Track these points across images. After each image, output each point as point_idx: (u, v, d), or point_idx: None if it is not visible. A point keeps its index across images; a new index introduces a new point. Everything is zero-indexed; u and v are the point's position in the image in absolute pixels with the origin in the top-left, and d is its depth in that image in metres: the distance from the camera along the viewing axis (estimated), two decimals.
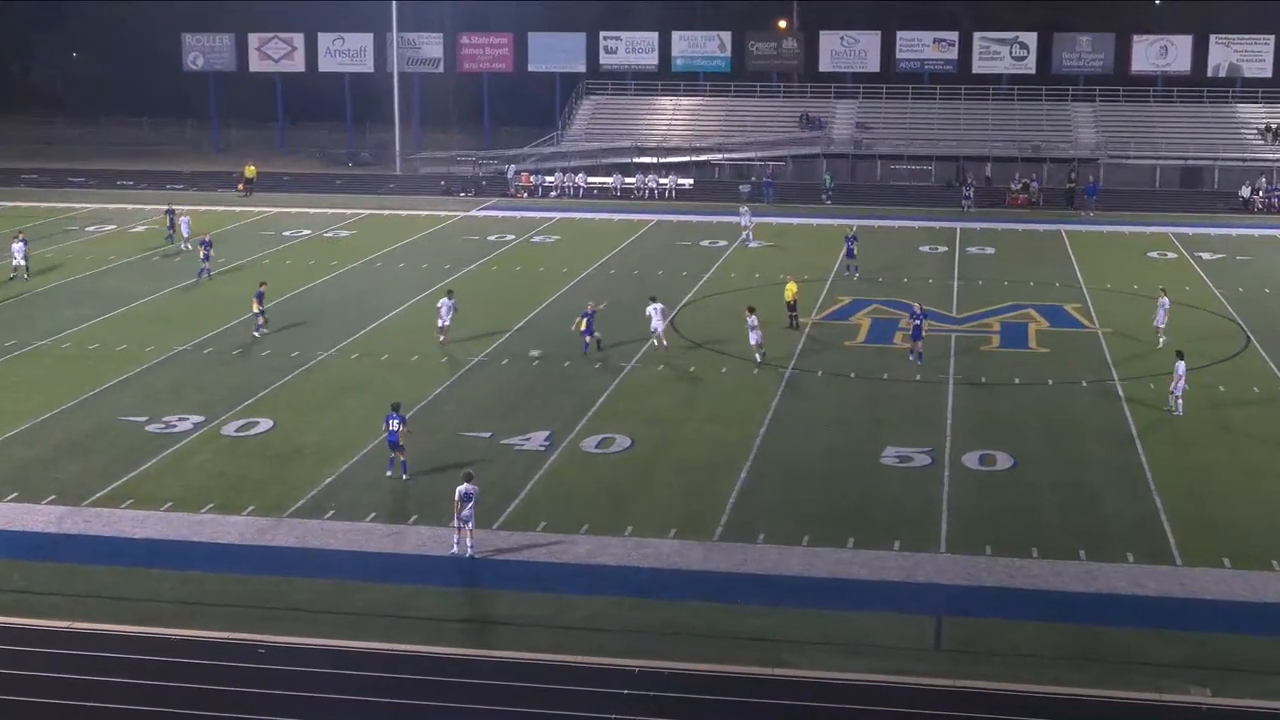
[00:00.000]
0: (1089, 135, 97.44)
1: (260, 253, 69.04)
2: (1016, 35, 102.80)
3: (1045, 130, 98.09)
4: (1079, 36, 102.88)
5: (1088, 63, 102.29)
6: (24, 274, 61.49)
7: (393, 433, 37.76)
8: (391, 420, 37.87)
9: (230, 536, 34.10)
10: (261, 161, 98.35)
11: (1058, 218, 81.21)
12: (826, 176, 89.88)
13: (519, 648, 28.37)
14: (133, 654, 28.23)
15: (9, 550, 33.26)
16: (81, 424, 42.51)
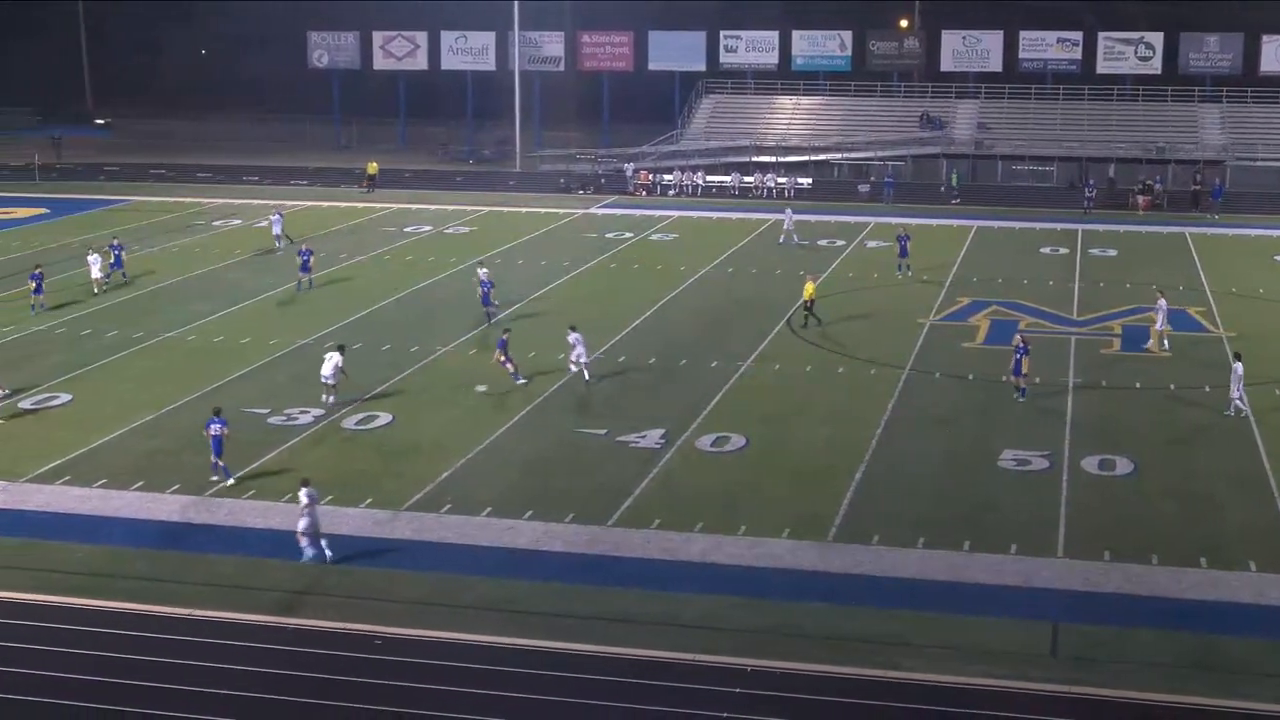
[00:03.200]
0: (1215, 137, 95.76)
1: (382, 248, 69.68)
2: (1142, 35, 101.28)
3: (1170, 131, 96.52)
4: (1206, 36, 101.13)
5: (1215, 63, 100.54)
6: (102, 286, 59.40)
7: (215, 436, 37.43)
8: (213, 425, 37.60)
9: (348, 528, 34.42)
10: (383, 158, 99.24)
11: (1182, 220, 79.88)
12: (954, 175, 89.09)
13: (632, 645, 28.37)
14: (252, 641, 28.60)
15: (134, 538, 33.82)
16: (206, 415, 43.04)
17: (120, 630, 29.13)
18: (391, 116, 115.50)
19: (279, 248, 67.94)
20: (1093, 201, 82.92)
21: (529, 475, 38.04)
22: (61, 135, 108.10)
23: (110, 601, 30.37)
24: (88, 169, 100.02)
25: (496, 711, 26.02)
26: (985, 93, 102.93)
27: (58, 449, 39.58)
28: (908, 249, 63.22)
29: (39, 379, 46.66)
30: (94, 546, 33.38)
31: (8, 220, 78.43)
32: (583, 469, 38.43)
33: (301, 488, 33.07)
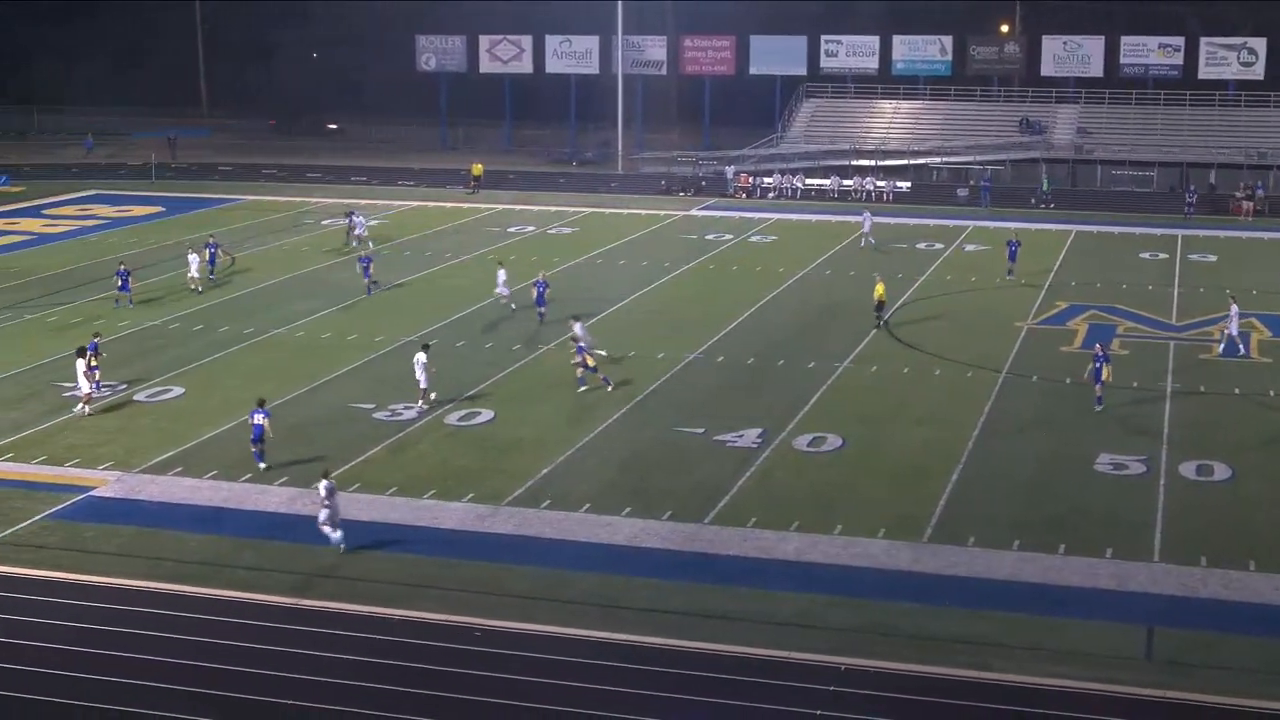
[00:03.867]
0: None
1: (486, 248, 70.08)
2: (1245, 41, 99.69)
3: (1273, 137, 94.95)
4: None
5: None
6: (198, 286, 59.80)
7: (257, 426, 38.01)
8: (256, 415, 38.12)
9: (450, 522, 34.70)
10: (487, 159, 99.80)
11: None
12: (1044, 180, 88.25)
13: (727, 641, 28.39)
14: (354, 631, 28.90)
15: (243, 529, 34.29)
16: (313, 410, 43.62)
17: (229, 618, 29.55)
18: (497, 119, 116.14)
19: (352, 246, 68.34)
20: (1193, 207, 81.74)
21: (627, 472, 38.14)
22: (177, 136, 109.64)
23: (220, 589, 30.83)
24: (202, 169, 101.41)
25: (594, 705, 26.11)
26: (1086, 97, 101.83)
27: (171, 441, 40.19)
28: (1016, 254, 62.68)
29: (153, 373, 47.40)
30: (205, 536, 33.88)
31: (126, 218, 79.70)
32: (680, 467, 38.47)
33: (321, 479, 33.54)
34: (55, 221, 78.48)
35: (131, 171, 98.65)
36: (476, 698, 26.31)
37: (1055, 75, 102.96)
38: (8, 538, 33.67)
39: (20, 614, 29.71)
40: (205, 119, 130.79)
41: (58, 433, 41.12)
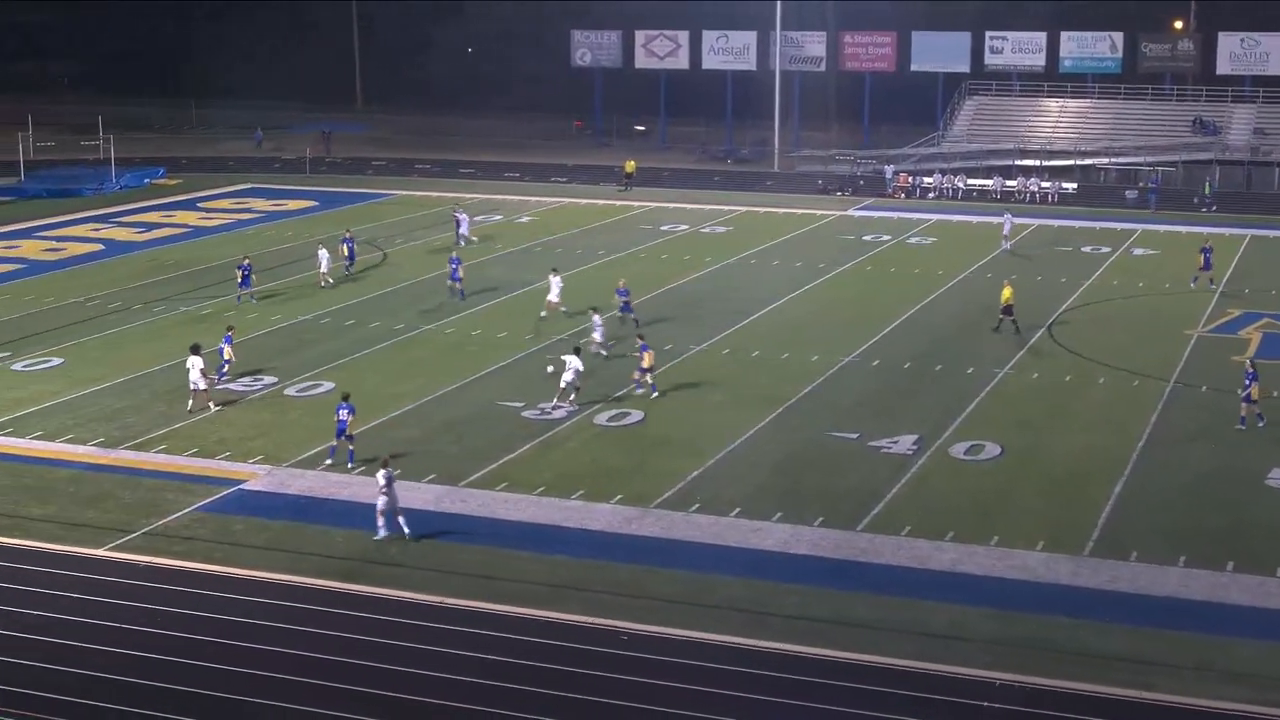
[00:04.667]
0: None
1: (638, 246, 70.27)
2: None
3: None
4: None
5: None
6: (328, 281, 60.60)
7: (342, 421, 38.41)
8: (341, 410, 38.51)
9: (598, 524, 34.82)
10: (641, 156, 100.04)
11: None
12: (1206, 183, 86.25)
13: (876, 651, 28.15)
14: (501, 632, 29.10)
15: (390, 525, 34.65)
16: (461, 407, 44.04)
17: (372, 614, 29.91)
18: (651, 115, 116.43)
19: (459, 245, 68.60)
20: None
21: (779, 476, 38.01)
22: (331, 130, 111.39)
23: (364, 586, 31.22)
24: (355, 163, 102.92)
25: (735, 713, 26.02)
26: (1264, 97, 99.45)
27: (320, 435, 40.77)
28: (1211, 261, 61.07)
29: (303, 367, 48.18)
30: (350, 531, 34.34)
31: (281, 211, 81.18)
32: (833, 472, 38.25)
33: (381, 468, 34.01)
34: (211, 215, 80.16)
35: (286, 165, 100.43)
36: (620, 702, 26.36)
37: (1231, 73, 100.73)
38: (159, 529, 34.43)
39: (169, 605, 30.34)
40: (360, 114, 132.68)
41: (209, 426, 41.96)
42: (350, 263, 63.22)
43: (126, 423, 42.14)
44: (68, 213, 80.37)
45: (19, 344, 51.02)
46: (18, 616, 29.80)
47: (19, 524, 34.77)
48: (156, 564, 32.50)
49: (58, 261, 66.95)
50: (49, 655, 28.09)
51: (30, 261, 66.86)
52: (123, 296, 58.79)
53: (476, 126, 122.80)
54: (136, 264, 65.99)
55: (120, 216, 79.14)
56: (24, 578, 31.69)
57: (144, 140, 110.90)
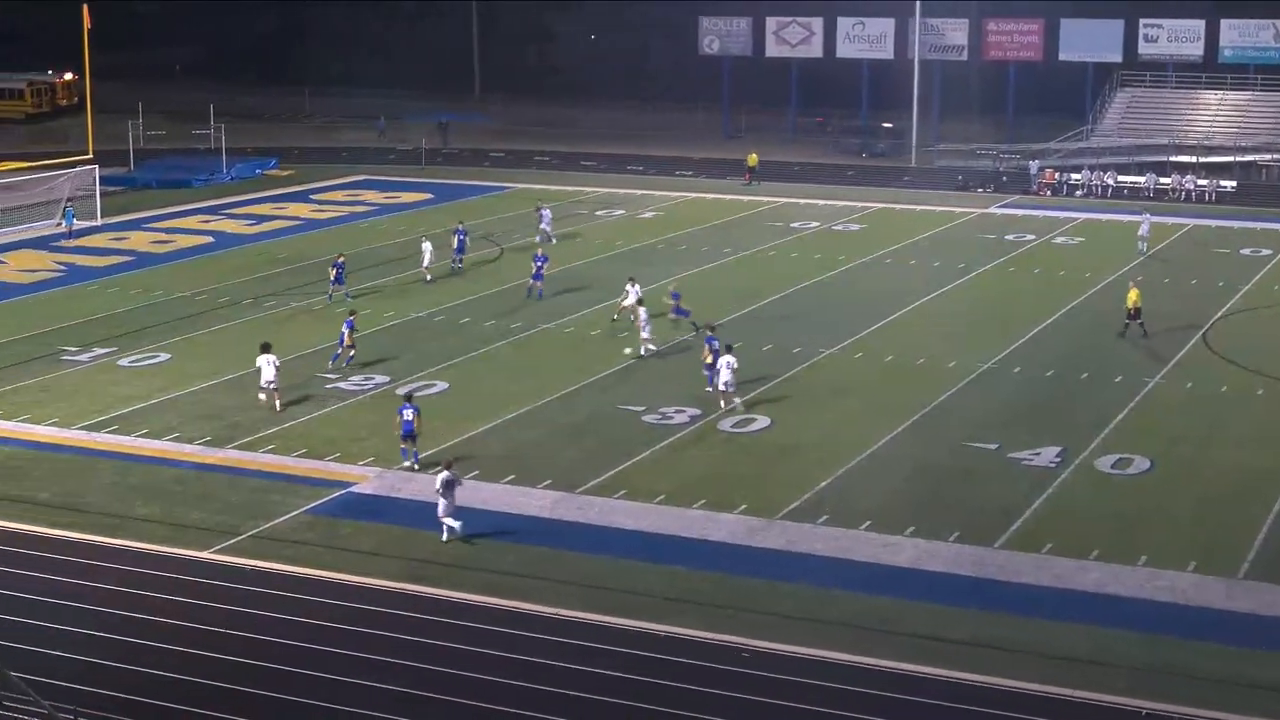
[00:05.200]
0: None
1: (767, 244, 70.15)
2: None
3: None
4: None
5: None
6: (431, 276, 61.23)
7: (408, 422, 38.71)
8: (405, 410, 38.81)
9: (720, 534, 34.82)
10: (771, 149, 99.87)
11: None
12: None
13: (1013, 675, 27.89)
14: (615, 645, 29.19)
15: (504, 531, 34.94)
16: (580, 410, 44.24)
17: (482, 624, 30.13)
18: (782, 105, 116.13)
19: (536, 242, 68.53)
20: None
21: (912, 488, 37.80)
22: (448, 121, 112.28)
23: (474, 595, 31.46)
24: (473, 155, 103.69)
25: None
26: None
27: (431, 439, 41.12)
28: None
29: (416, 366, 48.61)
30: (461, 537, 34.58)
31: (396, 204, 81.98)
32: (971, 485, 37.96)
33: (443, 469, 34.52)
34: (323, 207, 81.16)
35: (401, 156, 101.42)
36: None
37: None
38: (266, 532, 34.94)
39: (276, 611, 30.77)
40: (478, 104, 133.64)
41: (319, 426, 42.49)
42: (459, 256, 63.75)
43: (234, 421, 42.79)
44: (177, 204, 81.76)
45: (126, 339, 51.98)
46: (122, 620, 30.38)
47: (123, 524, 35.45)
48: (263, 568, 32.98)
49: (166, 254, 68.12)
50: (155, 660, 28.61)
51: (139, 254, 68.10)
52: (232, 291, 59.71)
53: (598, 117, 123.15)
54: (246, 257, 67.00)
55: (231, 208, 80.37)
56: (128, 579, 32.30)
57: (256, 129, 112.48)
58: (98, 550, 33.97)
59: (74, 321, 54.60)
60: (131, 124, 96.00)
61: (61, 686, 26.96)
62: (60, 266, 65.04)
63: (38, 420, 43.08)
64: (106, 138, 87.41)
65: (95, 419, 42.97)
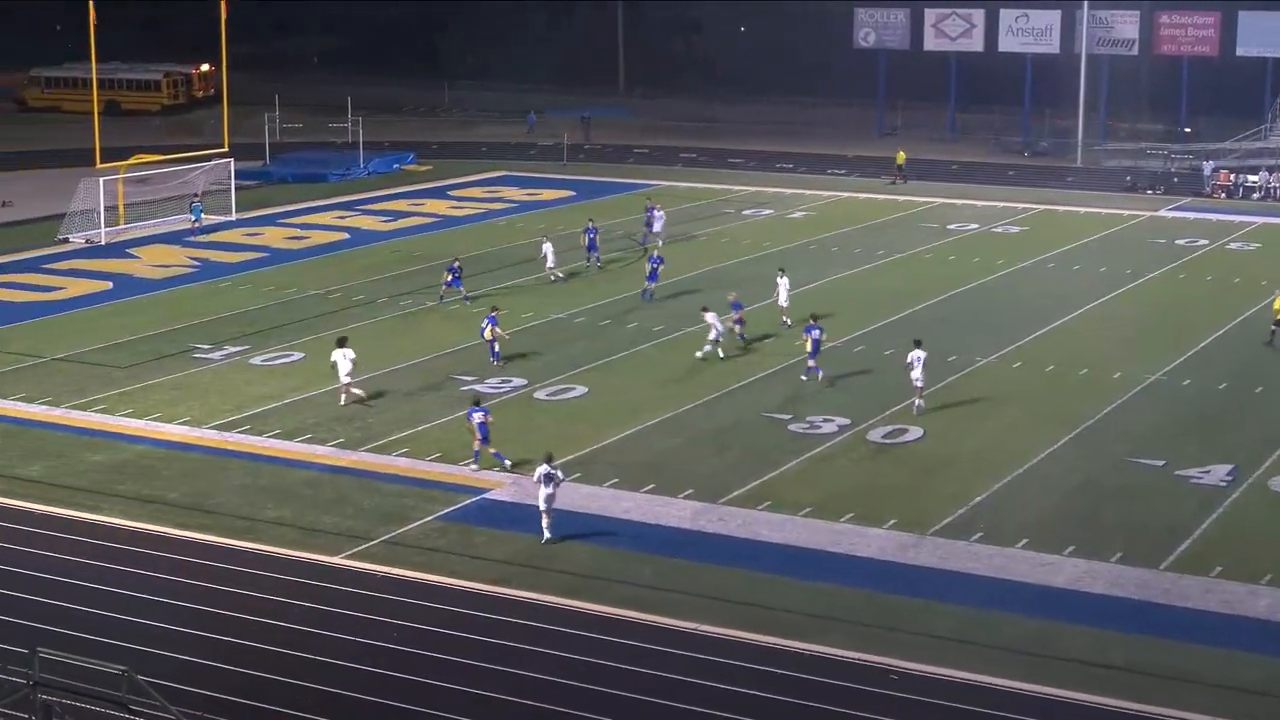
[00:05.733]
0: None
1: (922, 246, 69.71)
2: None
3: None
4: None
5: None
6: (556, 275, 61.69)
7: (482, 425, 39.27)
8: (474, 414, 39.37)
9: (868, 550, 34.65)
10: (927, 148, 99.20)
11: None
12: None
13: (1177, 705, 27.50)
14: (757, 664, 29.15)
15: (642, 543, 35.03)
16: (723, 417, 44.21)
17: (617, 638, 30.22)
18: (940, 102, 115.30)
19: (643, 245, 68.41)
20: None
21: (1073, 506, 37.37)
22: (590, 115, 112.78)
23: (608, 607, 31.58)
24: (616, 151, 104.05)
25: None
26: None
27: (572, 443, 41.35)
28: None
29: (555, 369, 48.87)
30: (598, 548, 34.75)
31: (536, 201, 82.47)
32: (1135, 503, 37.45)
33: (543, 464, 35.00)
34: (461, 204, 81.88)
35: (543, 152, 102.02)
36: None
37: None
38: (397, 538, 35.33)
39: (408, 619, 31.08)
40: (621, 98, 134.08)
41: (454, 430, 42.83)
42: (592, 254, 64.19)
43: (367, 423, 43.30)
44: (312, 199, 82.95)
45: (259, 337, 52.81)
46: (250, 625, 30.86)
47: (253, 527, 36.02)
48: (395, 575, 33.34)
49: (300, 250, 69.13)
50: (283, 667, 29.04)
51: (273, 250, 69.17)
52: (366, 289, 60.42)
53: (747, 113, 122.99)
54: (381, 255, 67.77)
55: (366, 204, 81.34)
56: (258, 584, 32.80)
57: (393, 123, 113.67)
58: (226, 553, 34.57)
59: (206, 318, 55.59)
60: (267, 117, 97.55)
61: (188, 691, 27.49)
62: (193, 262, 66.23)
63: (169, 419, 43.93)
64: (242, 131, 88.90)
65: (227, 418, 43.71)
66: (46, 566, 33.67)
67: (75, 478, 39.44)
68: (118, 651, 28.64)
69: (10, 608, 31.47)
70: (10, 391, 46.63)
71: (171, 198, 75.60)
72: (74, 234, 70.97)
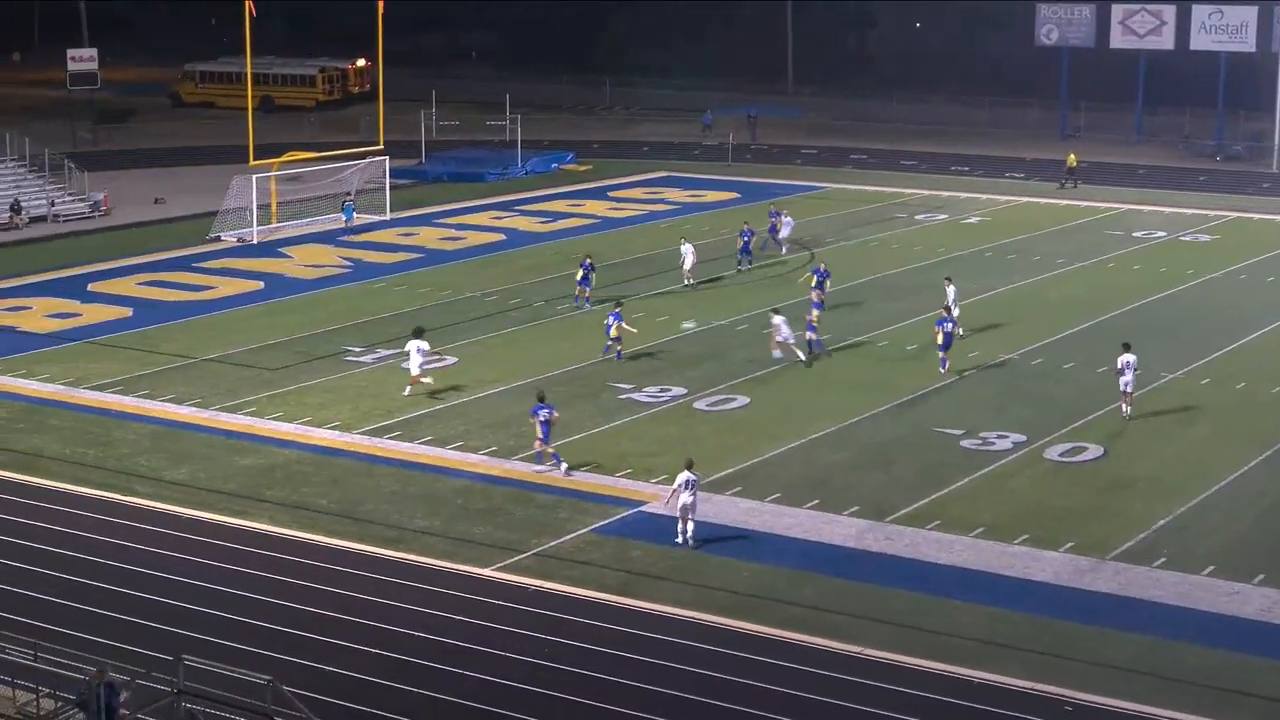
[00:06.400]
0: None
1: (1106, 254, 68.77)
2: None
3: None
4: None
5: None
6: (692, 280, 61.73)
7: (545, 424, 40.24)
8: (540, 411, 40.42)
9: (1044, 574, 34.23)
10: (1112, 150, 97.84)
11: None
12: None
13: None
14: (924, 690, 28.90)
15: (805, 561, 34.89)
16: (892, 431, 43.95)
17: (777, 659, 30.11)
18: (1126, 102, 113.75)
19: (782, 253, 67.77)
20: None
21: (1263, 531, 36.72)
22: (757, 114, 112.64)
23: (769, 628, 31.48)
24: (783, 151, 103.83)
25: None
26: None
27: (732, 456, 41.32)
28: None
29: (717, 378, 48.84)
30: (760, 566, 34.67)
31: (699, 204, 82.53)
32: None
33: (684, 470, 35.42)
34: (621, 205, 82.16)
35: (707, 152, 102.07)
36: None
37: None
38: (550, 550, 35.48)
39: (559, 635, 31.20)
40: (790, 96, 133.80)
41: (610, 439, 42.98)
42: (744, 258, 64.19)
43: (521, 431, 43.50)
44: (469, 199, 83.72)
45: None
46: (397, 636, 31.14)
47: (403, 536, 36.37)
48: (547, 588, 33.48)
49: (456, 251, 69.78)
50: (429, 681, 29.27)
51: (428, 251, 69.88)
52: (523, 292, 60.82)
53: (921, 112, 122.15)
54: (539, 256, 68.18)
55: (524, 204, 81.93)
56: (406, 595, 33.10)
57: (553, 121, 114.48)
58: (375, 563, 34.91)
59: (359, 320, 56.27)
60: (424, 114, 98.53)
61: (333, 704, 27.83)
62: (346, 262, 67.10)
63: (319, 423, 44.52)
64: (397, 128, 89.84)
65: (378, 424, 44.18)
66: (192, 572, 34.25)
67: (223, 482, 40.11)
68: (262, 660, 29.10)
69: (155, 614, 32.05)
70: (160, 392, 47.53)
71: (325, 196, 76.70)
72: (226, 232, 72.25)
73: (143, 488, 39.61)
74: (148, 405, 46.46)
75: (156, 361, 50.97)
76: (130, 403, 46.72)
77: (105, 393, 47.60)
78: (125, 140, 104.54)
